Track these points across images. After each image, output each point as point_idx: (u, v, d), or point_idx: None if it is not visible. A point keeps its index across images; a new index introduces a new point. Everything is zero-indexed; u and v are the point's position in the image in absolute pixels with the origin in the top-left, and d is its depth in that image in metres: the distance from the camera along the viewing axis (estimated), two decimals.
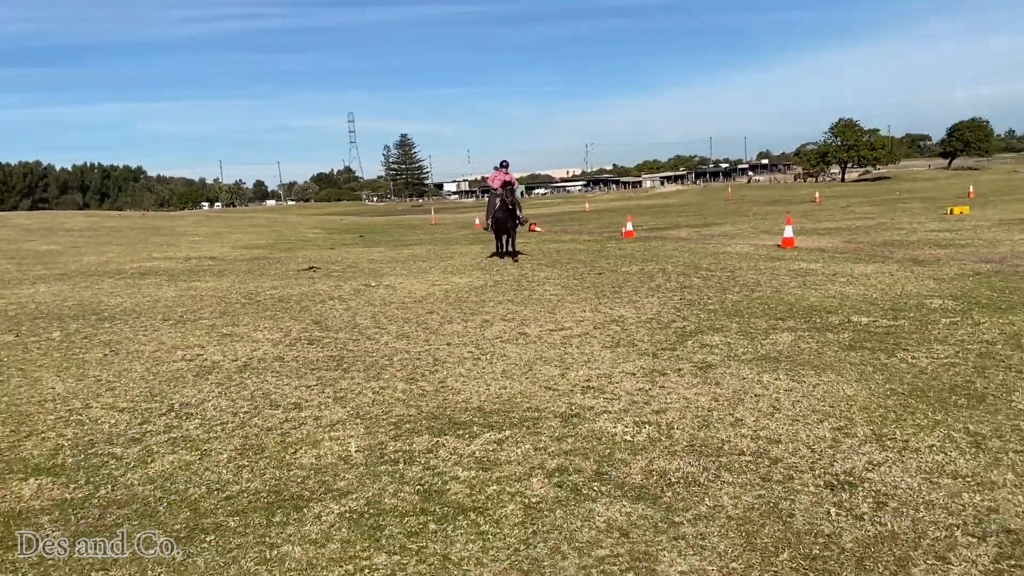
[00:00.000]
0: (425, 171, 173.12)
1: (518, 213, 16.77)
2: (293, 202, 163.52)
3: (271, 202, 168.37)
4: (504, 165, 17.01)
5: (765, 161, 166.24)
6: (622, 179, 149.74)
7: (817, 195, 45.95)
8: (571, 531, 3.61)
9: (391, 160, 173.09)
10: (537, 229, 28.32)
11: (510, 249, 17.25)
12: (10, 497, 4.33)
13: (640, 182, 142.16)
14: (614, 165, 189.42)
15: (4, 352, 8.28)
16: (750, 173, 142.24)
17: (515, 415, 5.46)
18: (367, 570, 3.34)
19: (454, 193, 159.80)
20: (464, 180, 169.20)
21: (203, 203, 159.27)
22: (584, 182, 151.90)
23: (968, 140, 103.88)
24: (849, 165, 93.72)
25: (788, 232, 16.81)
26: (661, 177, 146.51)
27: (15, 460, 4.95)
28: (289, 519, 3.89)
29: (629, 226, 23.00)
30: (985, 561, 3.21)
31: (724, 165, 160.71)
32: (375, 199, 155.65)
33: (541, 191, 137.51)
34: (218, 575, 3.34)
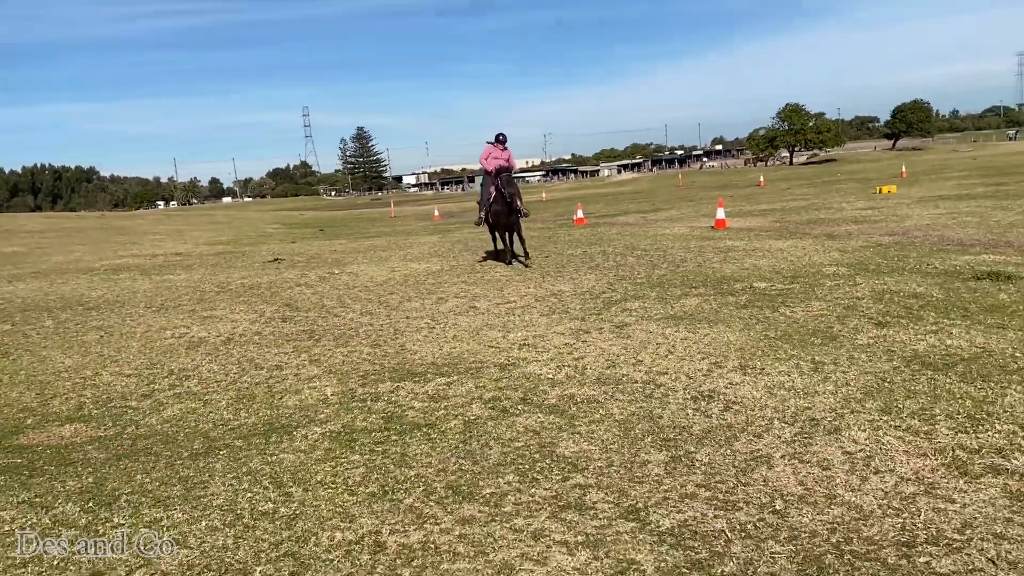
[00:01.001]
0: (383, 164, 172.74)
1: (517, 205, 13.21)
2: (250, 199, 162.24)
3: (228, 199, 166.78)
4: (500, 140, 13.44)
5: (719, 147, 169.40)
6: (580, 168, 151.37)
7: (762, 179, 47.91)
8: (498, 434, 4.84)
9: (348, 154, 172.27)
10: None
11: (514, 249, 13.73)
12: (55, 436, 5.41)
13: (598, 171, 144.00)
14: (572, 154, 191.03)
15: (7, 338, 9.23)
16: (704, 159, 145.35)
17: (462, 366, 6.66)
18: (344, 464, 4.52)
19: (414, 186, 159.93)
20: (423, 172, 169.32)
21: (158, 202, 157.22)
22: (543, 172, 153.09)
23: (911, 121, 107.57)
24: (797, 149, 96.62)
25: (720, 214, 18.26)
26: (618, 165, 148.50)
27: (48, 414, 6.01)
28: (283, 439, 5.05)
29: (580, 213, 24.31)
30: (787, 436, 4.51)
31: (679, 152, 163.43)
32: (333, 193, 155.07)
33: None
34: (234, 471, 4.49)
